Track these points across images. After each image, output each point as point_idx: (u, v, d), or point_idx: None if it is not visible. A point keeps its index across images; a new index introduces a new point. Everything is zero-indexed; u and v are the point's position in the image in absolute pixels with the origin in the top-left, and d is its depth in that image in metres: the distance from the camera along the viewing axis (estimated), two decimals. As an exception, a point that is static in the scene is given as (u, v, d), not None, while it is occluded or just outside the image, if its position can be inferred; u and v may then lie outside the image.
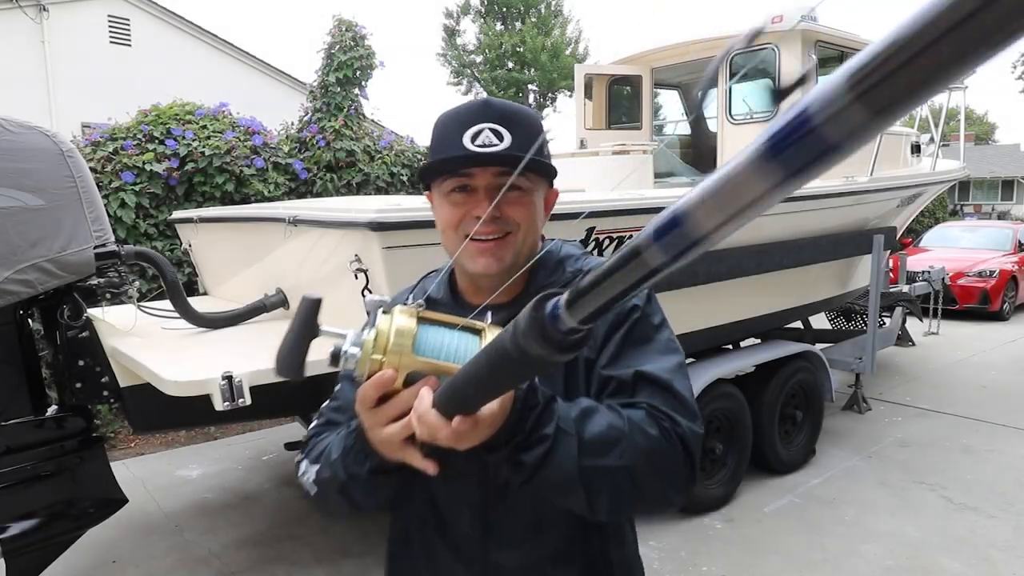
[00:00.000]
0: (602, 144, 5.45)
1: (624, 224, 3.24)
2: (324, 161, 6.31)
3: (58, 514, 2.78)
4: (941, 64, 0.29)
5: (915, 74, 0.30)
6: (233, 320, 3.06)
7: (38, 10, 11.52)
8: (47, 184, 2.59)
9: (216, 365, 2.31)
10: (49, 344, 3.10)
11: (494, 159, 1.01)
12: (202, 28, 13.63)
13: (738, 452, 4.13)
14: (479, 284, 1.09)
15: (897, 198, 5.50)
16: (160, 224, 5.37)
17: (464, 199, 1.03)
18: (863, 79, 0.31)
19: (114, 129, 5.56)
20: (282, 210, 3.02)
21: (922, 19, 0.28)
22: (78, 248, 2.64)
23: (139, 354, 2.58)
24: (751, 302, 4.30)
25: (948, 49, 0.28)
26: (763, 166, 0.36)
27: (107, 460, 2.99)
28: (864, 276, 5.42)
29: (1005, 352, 7.96)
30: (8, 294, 2.49)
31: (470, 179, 1.03)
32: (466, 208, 1.03)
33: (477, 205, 1.02)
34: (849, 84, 0.32)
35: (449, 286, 1.15)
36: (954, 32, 0.28)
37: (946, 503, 4.04)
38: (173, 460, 4.90)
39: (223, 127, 5.88)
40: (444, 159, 1.03)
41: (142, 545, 3.66)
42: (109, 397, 2.88)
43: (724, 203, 0.40)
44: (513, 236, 1.04)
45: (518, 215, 1.04)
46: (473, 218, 1.02)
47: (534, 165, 1.01)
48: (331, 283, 2.71)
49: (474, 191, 1.03)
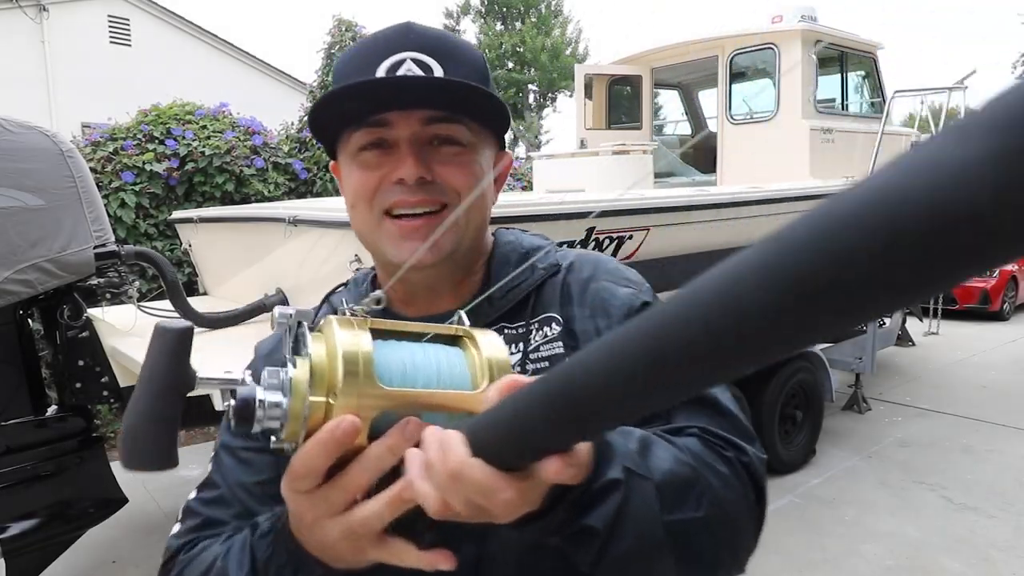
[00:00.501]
0: (602, 144, 5.45)
1: (624, 224, 3.24)
2: (324, 161, 6.31)
3: (58, 514, 2.78)
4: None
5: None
6: (233, 320, 3.06)
7: (38, 10, 11.52)
8: (47, 184, 2.59)
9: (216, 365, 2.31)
10: (49, 344, 3.10)
11: (419, 95, 0.72)
12: (202, 28, 13.64)
13: (738, 452, 4.12)
14: (412, 287, 0.80)
15: (897, 198, 5.49)
16: (160, 224, 5.37)
17: (379, 159, 0.74)
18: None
19: (114, 129, 5.57)
20: (282, 210, 3.02)
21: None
22: (78, 248, 2.64)
23: (139, 354, 2.57)
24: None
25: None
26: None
27: (107, 460, 2.99)
28: (864, 276, 5.41)
29: (1005, 352, 7.96)
30: (8, 294, 2.49)
31: (387, 129, 0.73)
32: (383, 171, 0.74)
33: (399, 164, 0.72)
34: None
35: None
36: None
37: (946, 503, 4.04)
38: (173, 460, 4.89)
39: (223, 127, 5.88)
40: (339, 92, 0.70)
41: (142, 545, 3.66)
42: (109, 397, 2.89)
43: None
44: (451, 209, 0.75)
45: (457, 180, 0.74)
46: (393, 183, 0.73)
47: (478, 108, 0.75)
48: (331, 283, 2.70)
49: (393, 147, 0.74)
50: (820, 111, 5.36)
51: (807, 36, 5.19)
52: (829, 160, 5.20)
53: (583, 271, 0.83)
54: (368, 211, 0.76)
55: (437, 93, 0.73)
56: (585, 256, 0.86)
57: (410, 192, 0.73)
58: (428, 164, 0.73)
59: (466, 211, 0.74)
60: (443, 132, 0.74)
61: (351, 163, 0.77)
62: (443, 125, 0.74)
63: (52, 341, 2.98)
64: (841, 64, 5.65)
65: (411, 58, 0.73)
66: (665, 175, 6.14)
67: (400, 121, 0.73)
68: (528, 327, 0.78)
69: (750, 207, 3.98)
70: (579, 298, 0.80)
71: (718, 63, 5.65)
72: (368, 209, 0.76)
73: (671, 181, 6.00)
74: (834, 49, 5.50)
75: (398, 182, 0.73)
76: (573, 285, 0.81)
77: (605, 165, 5.08)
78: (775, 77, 5.34)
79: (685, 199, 3.67)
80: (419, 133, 0.73)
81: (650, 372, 0.31)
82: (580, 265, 0.84)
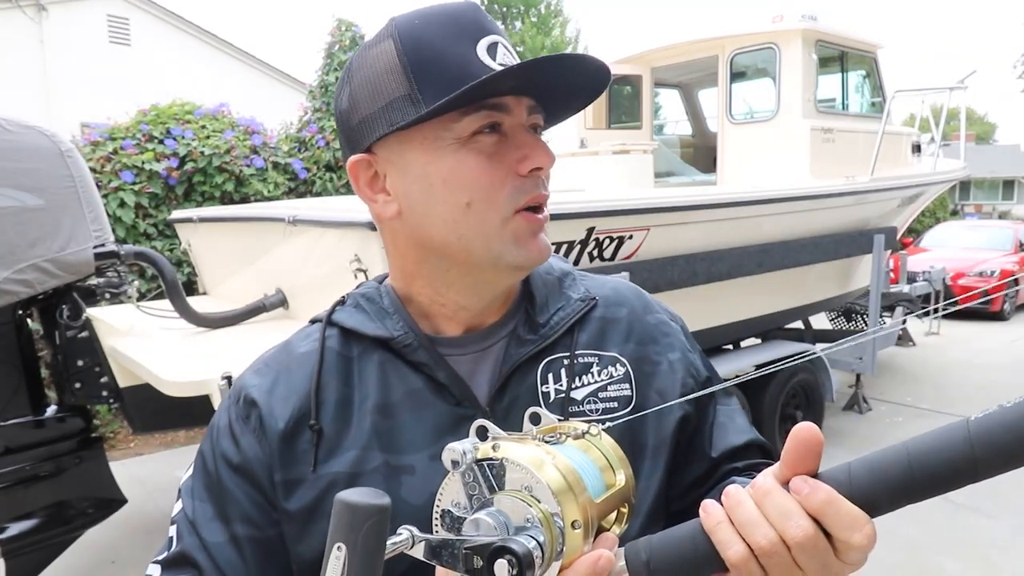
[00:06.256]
0: (602, 144, 5.44)
1: (624, 224, 3.24)
2: (324, 161, 6.32)
3: (57, 514, 2.78)
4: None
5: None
6: (232, 320, 3.06)
7: (37, 10, 11.51)
8: (46, 184, 2.59)
9: (216, 365, 2.31)
10: (48, 344, 3.10)
11: (560, 75, 0.67)
12: (202, 28, 13.62)
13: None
14: (467, 298, 0.74)
15: (898, 198, 5.49)
16: (159, 224, 5.37)
17: (498, 146, 0.67)
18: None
19: (113, 129, 5.57)
20: (282, 210, 3.02)
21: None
22: (77, 248, 2.64)
23: (138, 354, 2.58)
24: (751, 302, 4.30)
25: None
26: None
27: (106, 460, 2.99)
28: (865, 276, 5.42)
29: (1006, 352, 7.96)
30: (7, 294, 2.49)
31: (503, 114, 0.67)
32: (507, 162, 0.67)
33: (532, 152, 0.67)
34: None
35: (405, 312, 0.76)
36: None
37: (946, 503, 4.03)
38: (172, 460, 4.89)
39: (223, 127, 5.88)
40: (513, 69, 0.64)
41: (141, 545, 3.66)
42: (108, 397, 2.88)
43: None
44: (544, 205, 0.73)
45: (549, 171, 0.72)
46: (524, 176, 0.67)
47: (577, 103, 0.73)
48: (331, 283, 2.71)
49: (504, 135, 0.68)
50: (820, 111, 5.36)
51: (807, 36, 5.18)
52: (829, 160, 5.20)
53: (621, 305, 0.83)
54: (494, 212, 0.67)
55: (597, 75, 0.68)
56: (613, 288, 0.85)
57: (543, 184, 0.69)
58: (546, 154, 0.68)
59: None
60: (538, 122, 0.71)
61: (459, 150, 0.66)
62: (537, 116, 0.70)
63: (51, 341, 2.98)
64: (841, 64, 5.64)
65: (501, 43, 0.68)
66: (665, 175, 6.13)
67: (517, 107, 0.67)
68: (574, 359, 0.76)
69: (750, 207, 3.98)
70: (639, 336, 0.81)
71: (718, 63, 5.64)
72: (494, 209, 0.67)
73: (671, 181, 6.00)
74: (835, 48, 5.49)
75: (533, 171, 0.67)
76: (619, 322, 0.81)
77: (605, 165, 5.08)
78: (775, 77, 5.34)
79: (685, 199, 3.66)
80: (525, 122, 0.69)
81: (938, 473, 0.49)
82: (616, 299, 0.83)
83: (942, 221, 14.94)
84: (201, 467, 0.75)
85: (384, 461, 0.70)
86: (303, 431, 0.71)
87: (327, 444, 0.71)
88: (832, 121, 5.39)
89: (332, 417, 0.72)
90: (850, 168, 5.01)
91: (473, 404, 0.72)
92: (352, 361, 0.74)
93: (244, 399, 0.74)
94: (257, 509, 0.71)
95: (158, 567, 0.71)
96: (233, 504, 0.71)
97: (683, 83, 6.68)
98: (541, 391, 0.74)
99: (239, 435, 0.73)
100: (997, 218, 23.98)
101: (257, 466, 0.71)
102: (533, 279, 0.80)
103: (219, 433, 0.75)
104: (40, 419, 2.80)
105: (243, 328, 3.06)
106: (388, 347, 0.74)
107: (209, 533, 0.71)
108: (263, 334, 2.90)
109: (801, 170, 5.11)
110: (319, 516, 0.69)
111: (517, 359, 0.74)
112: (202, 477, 0.74)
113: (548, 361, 0.75)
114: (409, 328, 0.74)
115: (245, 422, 0.73)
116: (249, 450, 0.72)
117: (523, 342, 0.75)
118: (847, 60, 5.64)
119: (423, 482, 0.68)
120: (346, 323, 0.76)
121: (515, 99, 0.67)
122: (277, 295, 3.15)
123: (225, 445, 0.73)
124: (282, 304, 3.15)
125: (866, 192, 4.90)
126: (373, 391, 0.72)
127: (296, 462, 0.70)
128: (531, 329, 0.76)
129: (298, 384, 0.73)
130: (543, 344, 0.75)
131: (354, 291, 0.82)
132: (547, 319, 0.77)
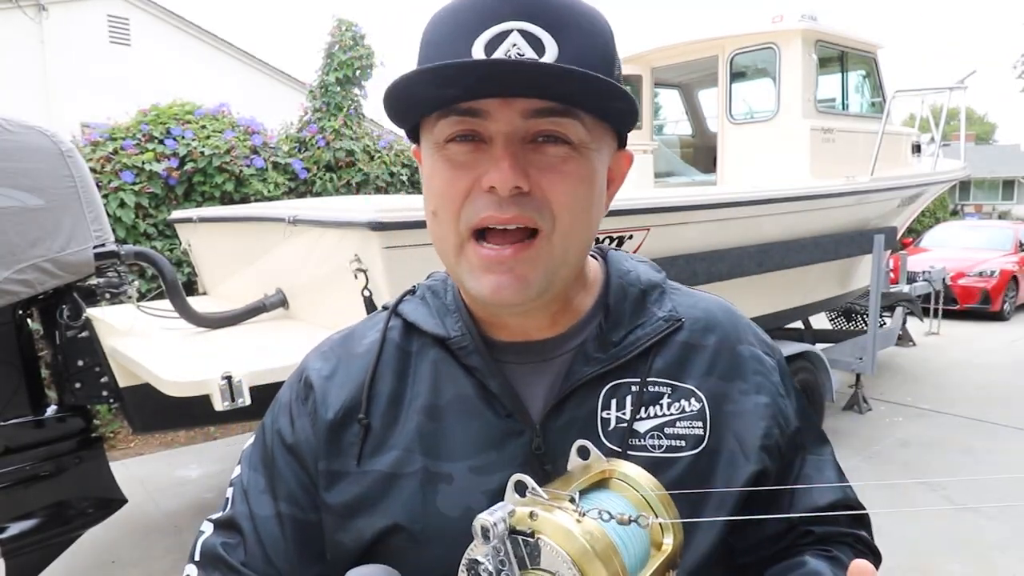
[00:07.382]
0: (602, 144, 5.42)
1: (624, 224, 3.24)
2: (324, 161, 6.31)
3: (57, 514, 2.78)
4: None
5: None
6: (232, 320, 3.06)
7: (37, 10, 11.51)
8: (46, 184, 2.59)
9: (216, 365, 2.31)
10: (48, 344, 3.09)
11: (525, 78, 0.55)
12: (202, 28, 13.62)
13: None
14: (499, 311, 0.68)
15: (898, 198, 5.49)
16: (160, 224, 5.37)
17: (471, 155, 0.60)
18: None
19: (113, 129, 5.56)
20: (282, 210, 3.02)
21: None
22: (77, 248, 2.64)
23: (138, 354, 2.58)
24: (751, 302, 4.30)
25: None
26: None
27: (106, 460, 2.98)
28: (864, 276, 5.42)
29: (1006, 352, 7.96)
30: (7, 294, 2.48)
31: (481, 120, 0.58)
32: (475, 173, 0.59)
33: (491, 167, 0.58)
34: None
35: (466, 311, 0.71)
36: None
37: (947, 504, 4.03)
38: (173, 460, 4.89)
39: (223, 127, 5.88)
40: (415, 76, 0.55)
41: (141, 545, 3.66)
42: (108, 397, 2.88)
43: None
44: (545, 237, 0.60)
45: (557, 193, 0.60)
46: (484, 191, 0.59)
47: (599, 98, 0.58)
48: (331, 283, 2.71)
49: (488, 142, 0.59)
50: (820, 111, 5.36)
51: (807, 35, 5.19)
52: (829, 160, 5.20)
53: (710, 331, 0.73)
54: (451, 226, 0.61)
55: (550, 80, 0.55)
56: (705, 310, 0.75)
57: (501, 207, 0.58)
58: (526, 170, 0.58)
59: (564, 234, 0.61)
60: (550, 128, 0.59)
61: (435, 155, 0.62)
62: (551, 119, 0.59)
63: (51, 341, 2.98)
64: (841, 64, 5.65)
65: (518, 29, 0.57)
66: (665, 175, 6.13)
67: (499, 111, 0.58)
68: (644, 386, 0.69)
69: (750, 207, 3.98)
70: (724, 369, 0.72)
71: (718, 63, 5.64)
72: (452, 224, 0.61)
73: (671, 181, 6.00)
74: (834, 48, 5.49)
75: (489, 191, 0.58)
76: (704, 350, 0.72)
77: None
78: (775, 77, 5.34)
79: (685, 199, 3.66)
80: (520, 128, 0.58)
81: None
82: (707, 322, 0.74)
83: (942, 221, 14.94)
84: (260, 439, 0.77)
85: (423, 466, 0.68)
86: (351, 424, 0.70)
87: (373, 440, 0.70)
88: (832, 121, 5.39)
89: (382, 412, 0.70)
90: (850, 168, 5.01)
91: (524, 420, 0.67)
92: (411, 356, 0.72)
93: (305, 380, 0.74)
94: (303, 491, 0.71)
95: (211, 525, 0.76)
96: (281, 482, 0.72)
97: (683, 83, 6.67)
98: (601, 416, 0.68)
99: (296, 416, 0.73)
100: (997, 218, 23.98)
101: (307, 449, 0.71)
102: (612, 290, 0.72)
103: (280, 409, 0.76)
104: (40, 419, 2.80)
105: (243, 328, 3.06)
106: (445, 346, 0.70)
107: (258, 505, 0.72)
108: (263, 334, 2.90)
109: (801, 170, 5.11)
110: (358, 513, 0.68)
111: (581, 378, 0.68)
112: (260, 449, 0.76)
113: (614, 385, 0.68)
114: (467, 329, 0.69)
115: (303, 404, 0.74)
116: (302, 432, 0.72)
117: (590, 360, 0.68)
118: (847, 60, 5.64)
119: (460, 494, 0.66)
120: (409, 316, 0.73)
121: (502, 102, 0.57)
122: (277, 295, 3.15)
123: (283, 423, 0.75)
124: (282, 304, 3.15)
125: (866, 192, 4.90)
126: (424, 390, 0.70)
127: (341, 454, 0.70)
128: (601, 347, 0.69)
129: (355, 374, 0.72)
130: (612, 365, 0.68)
131: (425, 281, 0.78)
132: (621, 337, 0.70)
